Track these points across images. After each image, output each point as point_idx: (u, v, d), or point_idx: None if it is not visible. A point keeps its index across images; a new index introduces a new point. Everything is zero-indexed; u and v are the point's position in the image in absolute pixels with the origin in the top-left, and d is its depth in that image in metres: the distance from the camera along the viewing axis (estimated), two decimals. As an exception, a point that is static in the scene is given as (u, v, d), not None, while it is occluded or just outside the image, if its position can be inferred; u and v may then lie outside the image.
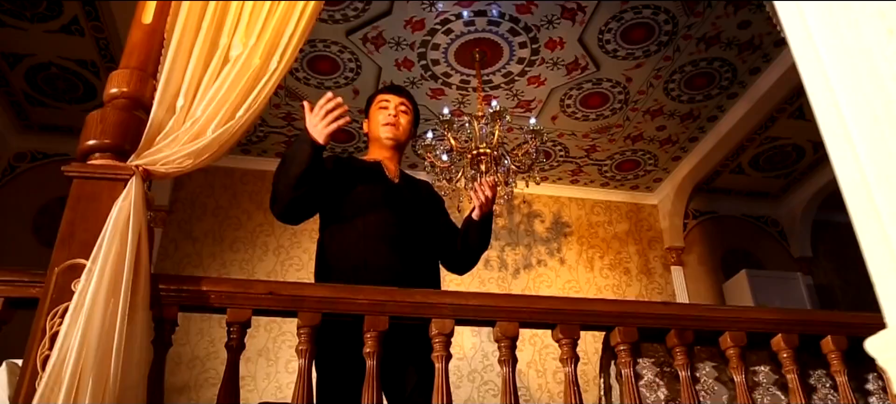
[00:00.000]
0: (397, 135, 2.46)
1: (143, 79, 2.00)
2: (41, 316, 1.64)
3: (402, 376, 2.14)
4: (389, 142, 2.45)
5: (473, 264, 2.52)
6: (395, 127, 2.45)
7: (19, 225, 5.44)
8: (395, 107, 2.48)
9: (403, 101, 2.52)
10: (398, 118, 2.47)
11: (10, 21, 4.42)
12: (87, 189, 1.79)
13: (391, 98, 2.51)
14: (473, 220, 2.36)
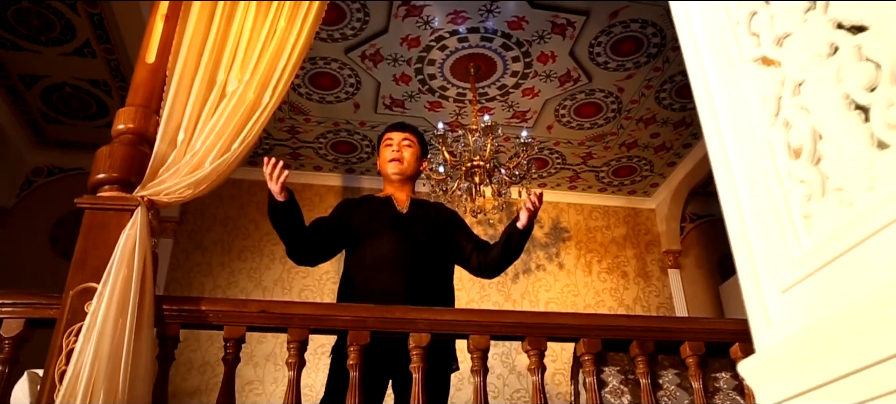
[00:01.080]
0: (403, 170, 2.68)
1: (147, 115, 2.19)
2: (58, 334, 1.83)
3: (407, 385, 2.33)
4: (396, 177, 2.68)
5: (503, 270, 2.69)
6: (399, 162, 2.67)
7: (37, 237, 5.68)
8: (398, 143, 2.70)
9: (407, 136, 2.73)
10: (402, 153, 2.69)
11: (26, 45, 4.65)
12: (98, 219, 1.98)
13: (395, 135, 2.73)
14: (517, 228, 2.53)
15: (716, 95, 1.15)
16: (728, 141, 1.11)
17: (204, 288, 5.60)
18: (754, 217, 1.02)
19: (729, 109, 1.11)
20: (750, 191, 1.04)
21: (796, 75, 0.97)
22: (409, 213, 2.61)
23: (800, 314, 0.91)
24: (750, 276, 1.02)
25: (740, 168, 1.07)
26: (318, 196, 6.11)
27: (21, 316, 1.87)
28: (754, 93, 1.05)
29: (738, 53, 1.11)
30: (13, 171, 5.71)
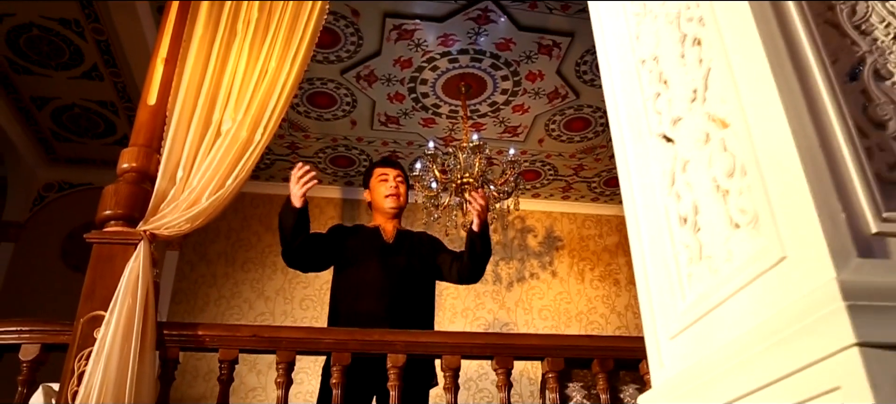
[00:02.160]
0: (400, 204, 2.88)
1: (149, 154, 2.39)
2: (70, 358, 2.04)
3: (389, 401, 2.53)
4: (392, 211, 2.87)
5: (482, 272, 2.85)
6: (396, 197, 2.87)
7: (49, 250, 5.90)
8: (394, 178, 2.89)
9: (399, 173, 2.93)
10: (398, 189, 2.88)
11: (38, 70, 4.87)
12: (105, 252, 2.18)
13: (389, 171, 2.92)
14: (474, 231, 2.71)
15: (631, 161, 1.34)
16: (638, 203, 1.29)
17: (208, 298, 5.82)
18: (654, 272, 1.21)
19: (640, 175, 1.30)
20: (652, 249, 1.22)
21: (685, 155, 1.15)
22: (394, 243, 2.80)
23: (682, 358, 1.10)
24: (649, 324, 1.20)
25: (646, 228, 1.25)
26: (319, 208, 6.31)
27: (38, 341, 2.07)
28: (657, 164, 1.24)
29: (647, 127, 1.29)
30: (26, 187, 5.94)
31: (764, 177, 0.91)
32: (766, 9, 0.98)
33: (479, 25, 4.44)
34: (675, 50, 1.20)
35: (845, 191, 0.83)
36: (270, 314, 5.82)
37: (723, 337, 0.98)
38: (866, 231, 0.81)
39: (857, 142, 0.88)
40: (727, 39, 1.03)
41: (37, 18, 4.42)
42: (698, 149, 1.10)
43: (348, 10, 4.30)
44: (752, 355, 0.87)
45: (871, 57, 0.99)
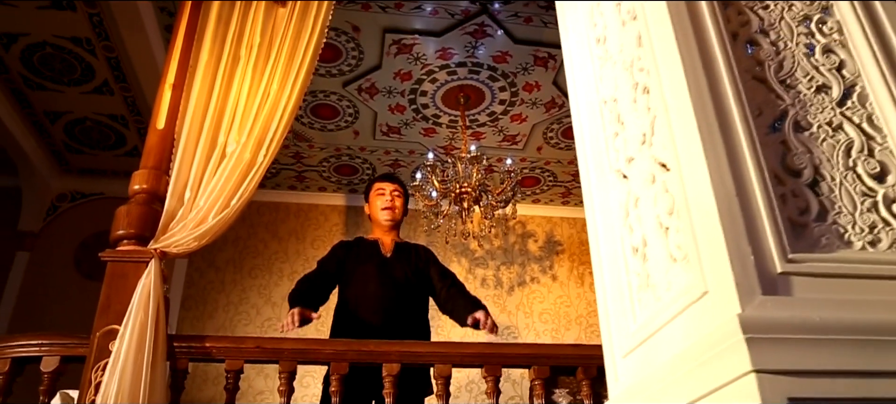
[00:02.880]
0: (394, 217, 3.04)
1: (158, 176, 2.54)
2: (87, 369, 2.19)
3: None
4: (388, 224, 3.03)
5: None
6: (392, 210, 3.02)
7: (62, 258, 6.08)
8: (390, 193, 3.05)
9: (396, 187, 3.08)
10: (394, 202, 3.03)
11: (51, 85, 5.04)
12: (118, 269, 2.33)
13: (386, 186, 3.07)
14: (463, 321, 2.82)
15: (594, 192, 1.47)
16: (599, 231, 1.43)
17: (217, 304, 5.98)
18: (611, 295, 1.34)
19: (601, 206, 1.43)
20: (610, 275, 1.36)
21: (636, 191, 1.29)
22: (392, 257, 2.95)
23: (632, 374, 1.23)
24: (607, 343, 1.34)
25: (605, 254, 1.39)
26: (324, 215, 6.46)
27: (57, 353, 2.23)
28: (614, 197, 1.38)
29: (607, 162, 1.43)
30: (40, 198, 6.12)
31: (692, 219, 1.04)
32: (698, 67, 1.12)
33: (476, 39, 4.57)
34: (629, 94, 1.34)
35: (756, 234, 0.97)
36: (277, 319, 5.97)
37: (662, 357, 1.12)
38: (772, 271, 0.94)
39: (771, 190, 1.01)
40: (666, 92, 1.16)
41: (50, 37, 4.59)
42: (646, 188, 1.24)
43: (349, 26, 4.45)
44: (681, 375, 1.01)
45: (792, 109, 1.12)
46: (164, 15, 4.46)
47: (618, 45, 1.40)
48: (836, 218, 1.02)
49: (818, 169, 1.07)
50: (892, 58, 1.19)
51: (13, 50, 4.69)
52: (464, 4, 4.32)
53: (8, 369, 2.23)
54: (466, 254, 6.51)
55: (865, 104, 1.15)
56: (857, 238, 1.01)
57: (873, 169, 1.08)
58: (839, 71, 1.18)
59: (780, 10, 1.23)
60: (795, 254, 0.96)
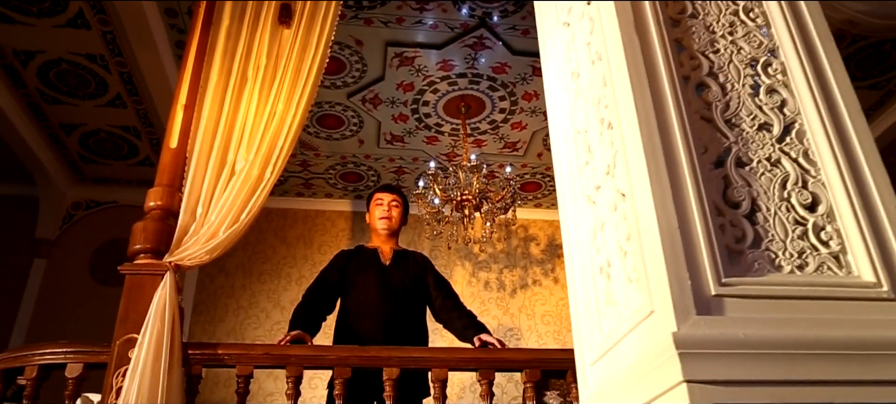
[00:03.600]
0: (391, 226, 3.19)
1: (172, 193, 2.70)
2: (109, 375, 2.35)
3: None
4: (385, 233, 3.18)
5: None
6: (388, 220, 3.17)
7: (78, 265, 6.28)
8: (388, 203, 3.20)
9: (394, 198, 3.23)
10: (391, 212, 3.18)
11: (66, 100, 5.24)
12: (136, 282, 2.49)
13: (384, 197, 3.22)
14: (466, 339, 2.94)
15: (569, 214, 1.62)
16: (573, 250, 1.57)
17: (227, 308, 6.16)
18: (582, 309, 1.49)
19: (574, 227, 1.58)
20: (581, 290, 1.50)
21: (602, 216, 1.43)
22: (391, 265, 3.10)
23: (598, 380, 1.38)
24: (579, 351, 1.49)
25: (578, 273, 1.53)
26: (330, 221, 6.63)
27: (81, 360, 2.39)
28: (585, 220, 1.52)
29: (579, 188, 1.57)
30: (56, 207, 6.32)
31: (643, 245, 1.19)
32: (650, 109, 1.26)
33: (475, 51, 4.72)
34: (597, 128, 1.48)
35: (694, 260, 1.11)
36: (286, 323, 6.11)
37: (620, 366, 1.27)
38: (707, 293, 1.09)
39: (711, 221, 1.16)
40: (624, 130, 1.31)
41: (65, 54, 4.77)
42: (610, 214, 1.38)
43: (352, 40, 4.61)
44: (633, 383, 1.16)
45: (736, 147, 1.27)
46: (174, 31, 4.64)
47: (588, 82, 1.55)
48: (769, 245, 1.16)
49: (755, 201, 1.21)
50: (829, 97, 1.34)
51: (30, 66, 4.88)
52: (463, 18, 4.47)
53: (35, 375, 2.39)
54: (470, 257, 6.66)
55: (803, 140, 1.30)
56: (786, 263, 1.15)
57: (806, 200, 1.22)
58: (781, 109, 1.32)
59: (729, 54, 1.38)
60: (729, 278, 1.11)
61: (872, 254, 1.16)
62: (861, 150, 1.27)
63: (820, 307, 1.11)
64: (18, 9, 4.35)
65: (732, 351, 1.01)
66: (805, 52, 1.38)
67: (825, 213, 1.21)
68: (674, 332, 1.02)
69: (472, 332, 2.86)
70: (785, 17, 1.41)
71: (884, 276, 1.14)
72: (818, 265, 1.16)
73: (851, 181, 1.23)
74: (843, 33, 4.36)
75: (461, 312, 3.07)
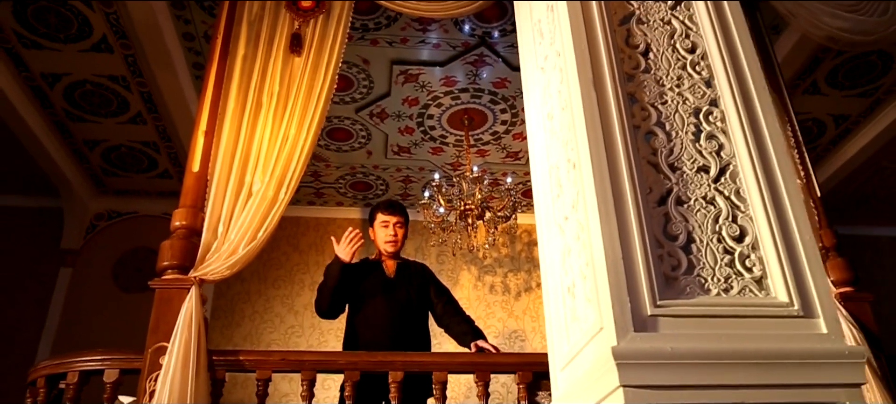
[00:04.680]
0: (397, 248, 3.40)
1: (195, 213, 2.96)
2: (142, 379, 2.61)
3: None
4: (389, 252, 3.39)
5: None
6: (394, 243, 3.39)
7: (101, 273, 6.57)
8: (393, 226, 3.41)
9: (399, 220, 3.43)
10: (397, 235, 3.40)
11: (89, 117, 5.53)
12: (165, 295, 2.75)
13: (390, 218, 3.42)
14: (464, 344, 3.23)
15: (544, 238, 1.86)
16: (547, 270, 1.82)
17: (244, 314, 6.44)
18: (554, 322, 1.73)
19: (548, 250, 1.82)
20: (553, 305, 1.75)
21: (569, 244, 1.67)
22: (395, 278, 3.34)
23: (565, 383, 1.62)
24: (551, 358, 1.73)
25: (550, 289, 1.78)
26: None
27: (117, 367, 2.66)
28: (556, 245, 1.76)
29: (552, 216, 1.82)
30: (79, 218, 6.63)
31: (595, 273, 1.43)
32: (603, 155, 1.50)
33: (476, 68, 4.96)
34: (565, 166, 1.72)
35: (635, 285, 1.35)
36: (300, 326, 6.42)
37: (579, 373, 1.51)
38: (644, 313, 1.33)
39: (650, 251, 1.40)
40: (583, 172, 1.55)
41: (90, 76, 5.06)
42: (575, 242, 1.62)
43: (360, 59, 4.86)
44: (587, 386, 1.40)
45: (676, 187, 1.51)
46: (191, 54, 4.91)
47: (559, 124, 1.79)
48: (700, 271, 1.40)
49: (691, 233, 1.45)
50: (760, 142, 1.57)
51: (57, 88, 5.18)
52: (464, 37, 4.71)
53: (76, 380, 2.67)
54: (476, 262, 6.90)
55: (736, 180, 1.53)
56: (714, 286, 1.39)
57: (734, 232, 1.46)
58: (718, 153, 1.56)
59: (675, 104, 1.61)
60: (664, 300, 1.35)
61: (788, 278, 1.39)
62: (785, 188, 1.50)
63: (740, 324, 1.34)
64: (47, 36, 4.64)
65: (661, 362, 1.25)
66: (742, 102, 1.61)
67: (751, 244, 1.45)
68: (613, 346, 1.26)
69: (470, 338, 3.11)
70: (727, 71, 1.65)
71: (796, 297, 1.37)
72: (741, 288, 1.39)
73: (775, 215, 1.46)
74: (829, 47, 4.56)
75: (461, 318, 3.31)
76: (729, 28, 1.70)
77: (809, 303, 1.36)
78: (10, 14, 4.46)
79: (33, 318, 6.25)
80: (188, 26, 4.66)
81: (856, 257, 6.82)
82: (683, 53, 1.67)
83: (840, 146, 6.08)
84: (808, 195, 3.29)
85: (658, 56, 1.66)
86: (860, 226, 7.10)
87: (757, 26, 3.86)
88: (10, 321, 6.22)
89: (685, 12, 1.73)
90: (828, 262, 3.16)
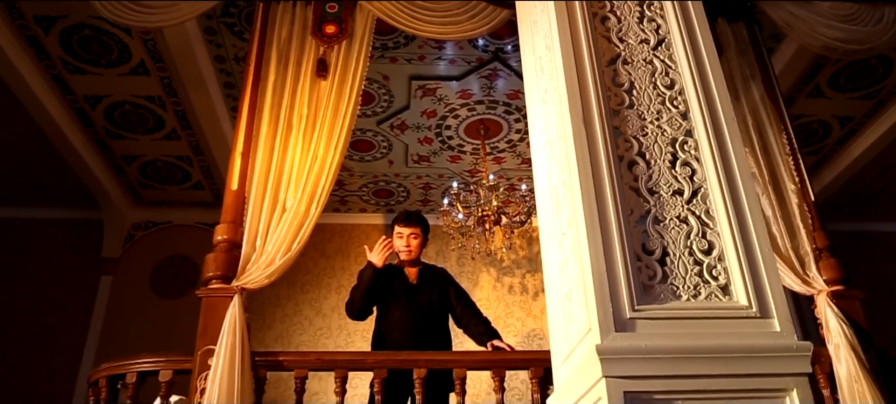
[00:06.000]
0: (412, 257, 3.67)
1: (235, 228, 3.27)
2: (194, 378, 2.93)
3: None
4: (404, 261, 3.67)
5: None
6: (409, 252, 3.66)
7: (139, 280, 6.95)
8: (407, 237, 3.69)
9: (412, 231, 3.71)
10: (410, 245, 3.67)
11: (128, 135, 5.90)
12: (211, 303, 3.06)
13: (404, 230, 3.71)
14: (481, 343, 3.51)
15: (546, 249, 2.13)
16: (550, 279, 2.09)
17: (274, 317, 6.78)
18: (555, 323, 2.00)
19: (549, 260, 2.09)
20: (553, 309, 2.02)
21: (566, 256, 1.95)
22: (418, 284, 3.62)
23: (564, 375, 1.89)
24: (553, 355, 2.00)
25: (552, 296, 2.05)
26: (365, 234, 7.20)
27: (171, 368, 2.98)
28: (556, 256, 2.03)
29: (553, 231, 2.09)
30: (118, 228, 7.02)
31: (585, 283, 1.70)
32: (590, 182, 1.77)
33: (490, 81, 5.24)
34: (562, 189, 1.99)
35: (617, 293, 1.62)
36: (327, 328, 6.75)
37: (574, 366, 1.78)
38: (624, 316, 1.60)
39: (630, 264, 1.66)
40: (575, 196, 1.82)
41: (128, 97, 5.43)
42: (570, 255, 1.89)
43: (380, 76, 5.16)
44: (579, 377, 1.67)
45: (654, 209, 1.77)
46: (223, 74, 5.25)
47: (557, 151, 2.06)
48: (673, 280, 1.67)
49: (666, 248, 1.71)
50: (728, 167, 1.83)
51: (98, 108, 5.55)
52: (478, 53, 4.99)
53: (135, 380, 2.99)
54: (495, 264, 7.16)
55: (706, 201, 1.79)
56: (685, 293, 1.65)
57: (704, 247, 1.72)
58: (691, 178, 1.82)
59: (655, 136, 1.88)
60: (641, 305, 1.62)
61: (748, 285, 1.65)
62: (748, 208, 1.76)
63: (706, 325, 1.60)
64: (90, 62, 5.01)
65: (637, 357, 1.52)
66: (713, 132, 1.87)
67: (717, 256, 1.71)
68: (597, 344, 1.53)
69: (487, 338, 3.39)
70: (700, 104, 1.90)
71: (754, 301, 1.63)
72: (708, 294, 1.65)
73: (738, 231, 1.72)
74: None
75: (478, 320, 3.60)
76: (704, 65, 1.96)
77: (766, 306, 1.62)
78: (57, 43, 4.84)
79: (78, 323, 6.64)
80: (219, 49, 4.99)
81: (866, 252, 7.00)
82: (663, 89, 1.93)
83: (846, 146, 6.25)
84: (802, 199, 3.50)
85: (641, 92, 1.92)
86: (871, 222, 7.24)
87: (756, 41, 4.08)
88: (56, 326, 6.62)
89: (665, 52, 1.99)
90: (821, 262, 3.36)
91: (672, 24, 2.01)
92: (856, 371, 3.03)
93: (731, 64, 3.88)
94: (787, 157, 3.67)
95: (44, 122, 5.50)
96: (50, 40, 4.79)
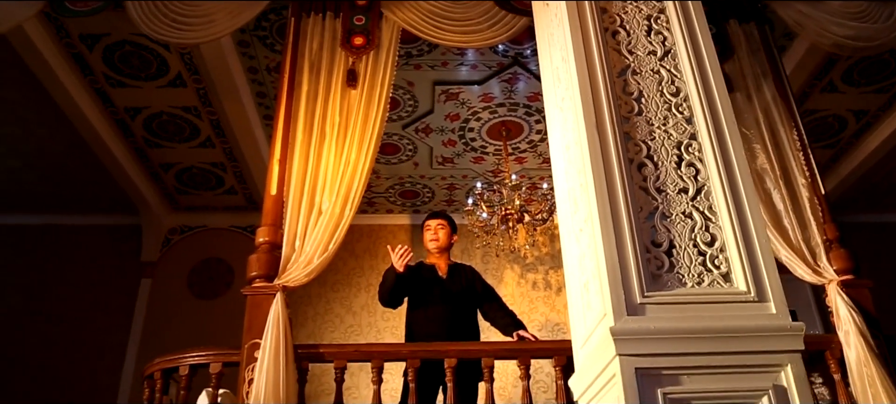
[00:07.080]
0: (439, 246, 3.92)
1: (275, 230, 3.51)
2: (242, 370, 3.17)
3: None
4: (435, 251, 3.91)
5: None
6: (436, 241, 3.91)
7: (177, 282, 7.26)
8: (434, 227, 3.95)
9: (440, 222, 3.96)
10: (437, 234, 3.92)
11: (165, 144, 6.20)
12: (256, 300, 3.31)
13: (431, 223, 3.98)
14: (508, 334, 3.74)
15: (567, 243, 2.33)
16: (570, 271, 2.29)
17: (306, 315, 7.05)
18: (575, 310, 2.20)
19: (570, 254, 2.30)
20: (574, 297, 2.22)
21: (583, 250, 2.15)
22: (448, 278, 3.85)
23: (583, 357, 2.09)
24: (574, 339, 2.20)
25: (572, 286, 2.25)
26: (392, 233, 7.45)
27: (220, 360, 3.23)
28: (575, 250, 2.24)
29: (572, 227, 2.29)
30: (156, 233, 7.33)
31: (600, 274, 1.90)
32: (603, 182, 1.97)
33: (511, 84, 5.44)
34: (578, 189, 2.20)
35: (629, 282, 1.82)
36: (358, 326, 7.00)
37: (592, 348, 1.98)
38: (635, 302, 1.80)
39: (640, 256, 1.86)
40: (590, 196, 2.02)
41: (166, 108, 5.71)
42: (588, 249, 2.10)
43: (405, 82, 5.39)
44: (597, 356, 1.87)
45: (661, 206, 1.96)
46: (255, 85, 5.51)
47: (573, 155, 2.26)
48: (679, 269, 1.86)
49: (672, 241, 1.91)
50: (729, 166, 2.02)
51: (137, 119, 5.85)
52: (498, 58, 5.19)
53: (187, 372, 3.25)
54: (519, 260, 7.35)
55: (709, 198, 1.98)
56: (689, 281, 1.85)
57: (706, 239, 1.91)
58: (695, 178, 2.01)
59: (662, 140, 2.07)
60: (650, 292, 1.81)
61: (747, 273, 1.84)
62: (747, 203, 1.94)
63: (709, 308, 1.80)
64: (130, 75, 5.30)
65: (647, 337, 1.72)
66: (715, 135, 2.06)
67: (719, 247, 1.90)
68: (611, 327, 1.73)
69: (513, 329, 3.60)
70: (704, 111, 2.09)
71: (753, 287, 1.82)
72: (711, 282, 1.85)
73: (738, 224, 1.91)
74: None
75: (505, 312, 3.81)
76: (707, 74, 2.15)
77: (763, 291, 1.80)
78: (100, 59, 5.14)
79: (120, 325, 6.96)
80: (252, 61, 5.26)
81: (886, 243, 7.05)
82: (669, 97, 2.12)
83: (862, 139, 6.35)
84: (812, 193, 3.64)
85: (649, 100, 2.12)
86: (890, 213, 7.31)
87: (767, 41, 4.23)
88: (99, 327, 6.95)
89: (671, 62, 2.18)
90: (831, 253, 3.51)
91: (677, 36, 2.20)
92: (865, 356, 3.18)
93: (742, 64, 4.04)
94: (797, 153, 3.81)
95: (87, 134, 5.82)
96: (93, 57, 5.09)
